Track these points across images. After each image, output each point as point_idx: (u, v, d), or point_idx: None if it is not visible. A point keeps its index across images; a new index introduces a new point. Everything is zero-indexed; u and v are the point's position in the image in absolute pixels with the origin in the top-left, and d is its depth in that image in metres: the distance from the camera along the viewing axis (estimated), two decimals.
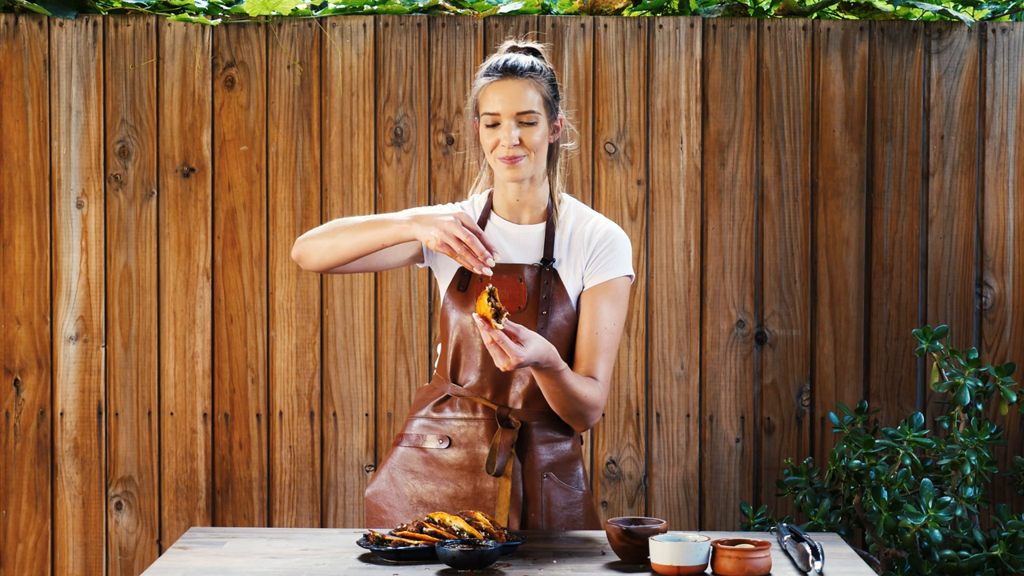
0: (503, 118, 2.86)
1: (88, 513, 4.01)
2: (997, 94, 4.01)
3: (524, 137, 2.86)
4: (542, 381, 2.81)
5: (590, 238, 2.93)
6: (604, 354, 2.89)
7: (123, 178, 3.99)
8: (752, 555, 2.45)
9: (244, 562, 2.59)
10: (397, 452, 2.98)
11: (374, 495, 2.98)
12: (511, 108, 2.86)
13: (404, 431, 2.99)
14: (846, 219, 4.01)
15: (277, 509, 4.02)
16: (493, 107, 2.86)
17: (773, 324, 4.01)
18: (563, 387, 2.80)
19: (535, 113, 2.86)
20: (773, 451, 4.02)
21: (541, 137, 2.88)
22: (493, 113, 2.86)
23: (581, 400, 2.83)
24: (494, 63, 2.90)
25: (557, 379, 2.78)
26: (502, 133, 2.86)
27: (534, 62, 2.90)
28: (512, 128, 2.85)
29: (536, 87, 2.87)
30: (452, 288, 2.94)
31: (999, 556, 3.53)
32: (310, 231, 2.91)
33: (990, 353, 4.03)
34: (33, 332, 3.99)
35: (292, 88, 3.98)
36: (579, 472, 2.96)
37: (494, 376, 2.91)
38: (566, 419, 2.89)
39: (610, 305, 2.90)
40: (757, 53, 4.00)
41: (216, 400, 4.00)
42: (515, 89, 2.86)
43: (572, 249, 2.93)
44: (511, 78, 2.87)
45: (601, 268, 2.91)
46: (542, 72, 2.90)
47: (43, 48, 3.96)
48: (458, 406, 2.94)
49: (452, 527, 2.61)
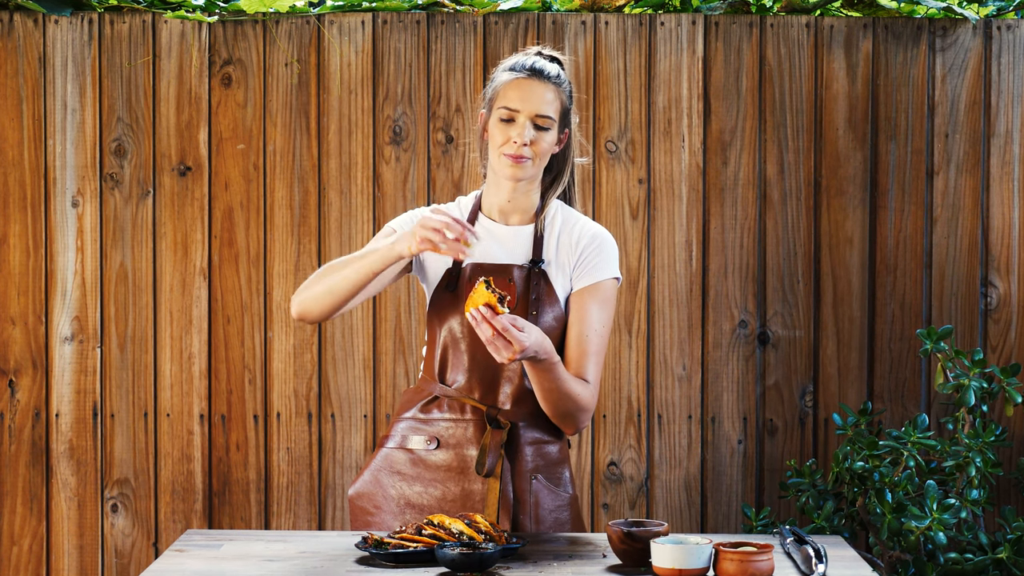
0: (521, 115, 2.89)
1: (84, 515, 3.99)
2: (1002, 92, 4.00)
3: (536, 140, 2.89)
4: (537, 376, 2.81)
5: (577, 240, 2.95)
6: (594, 357, 2.90)
7: (119, 177, 3.97)
8: (755, 558, 2.45)
9: (241, 565, 2.59)
10: (381, 453, 2.98)
11: (358, 496, 2.97)
12: (531, 108, 2.89)
13: (389, 432, 2.99)
14: (849, 218, 4.00)
15: (275, 511, 4.00)
16: (513, 103, 2.89)
17: (776, 324, 4.01)
18: (557, 382, 2.81)
19: (551, 119, 2.91)
20: (776, 453, 4.02)
21: (549, 145, 2.92)
22: (512, 109, 2.89)
23: (573, 398, 2.84)
24: (522, 61, 2.94)
25: (552, 373, 2.79)
26: (516, 130, 2.89)
27: (560, 71, 2.95)
28: (528, 127, 2.88)
29: (557, 95, 2.92)
30: (440, 288, 2.94)
31: (1004, 559, 3.54)
32: (301, 287, 2.93)
33: (995, 354, 4.02)
34: (28, 332, 3.97)
35: (290, 86, 3.97)
36: (566, 475, 2.97)
37: (483, 377, 2.92)
38: (556, 420, 2.89)
39: (599, 307, 2.92)
40: (759, 50, 3.99)
41: (213, 401, 3.99)
42: (539, 91, 2.90)
43: (560, 251, 2.95)
44: (537, 79, 2.91)
45: (589, 270, 2.93)
46: (564, 83, 2.96)
47: (38, 45, 3.95)
48: (446, 407, 2.94)
49: (451, 529, 2.61)
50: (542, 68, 2.92)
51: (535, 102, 2.89)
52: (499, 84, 2.93)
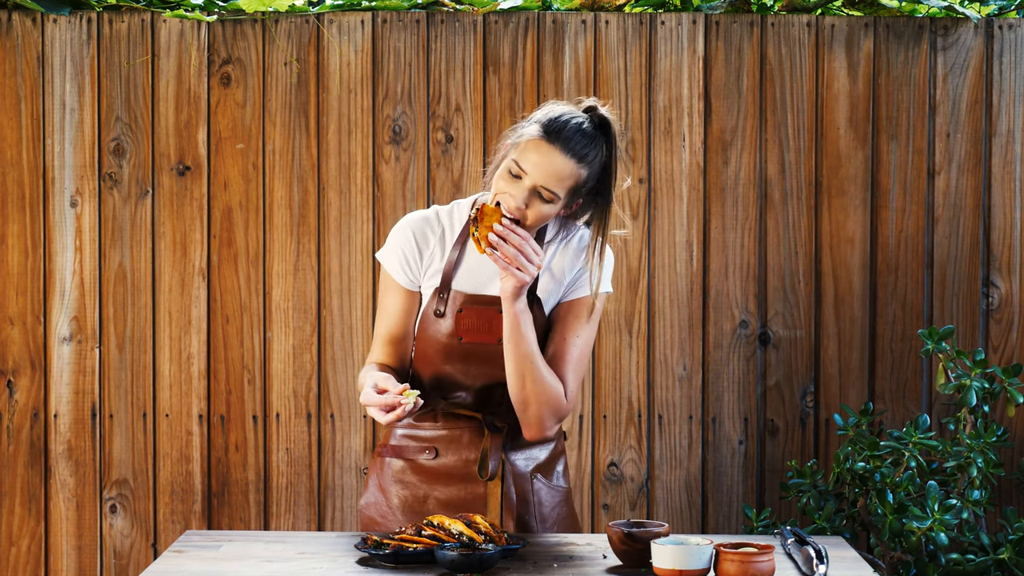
0: (525, 180, 2.75)
1: (82, 516, 3.98)
2: (1004, 91, 3.99)
3: (531, 207, 2.76)
4: (515, 334, 2.75)
5: (575, 252, 2.90)
6: (572, 364, 2.85)
7: (118, 176, 3.96)
8: (755, 559, 2.44)
9: (240, 566, 2.58)
10: (382, 463, 2.98)
11: (367, 506, 2.98)
12: (538, 179, 2.74)
13: (387, 441, 2.98)
14: (850, 218, 3.99)
15: (274, 512, 3.99)
16: (524, 163, 2.75)
17: (776, 324, 4.00)
18: (534, 353, 2.76)
19: (556, 196, 2.76)
20: (777, 453, 4.01)
21: (545, 216, 2.79)
22: (521, 168, 2.75)
23: (545, 387, 2.79)
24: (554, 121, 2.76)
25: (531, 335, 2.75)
26: (518, 192, 2.75)
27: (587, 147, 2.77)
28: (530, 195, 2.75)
29: (576, 174, 2.76)
30: (429, 310, 2.90)
31: (1006, 560, 3.53)
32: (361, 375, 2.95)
33: (997, 354, 4.02)
34: (26, 332, 3.96)
35: (289, 85, 3.96)
36: (560, 469, 2.97)
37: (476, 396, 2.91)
38: (523, 414, 2.82)
39: (586, 321, 2.88)
40: (760, 50, 3.98)
41: (212, 402, 3.98)
42: (557, 164, 2.74)
43: (557, 265, 2.91)
44: (560, 151, 2.74)
45: (584, 283, 2.89)
46: (594, 158, 2.78)
47: (36, 45, 3.94)
48: (440, 417, 2.93)
49: (451, 530, 2.60)
50: (569, 139, 2.74)
51: (545, 175, 2.73)
52: (523, 138, 2.77)
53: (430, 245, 2.91)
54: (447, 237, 2.92)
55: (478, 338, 2.85)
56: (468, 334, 2.86)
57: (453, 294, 2.87)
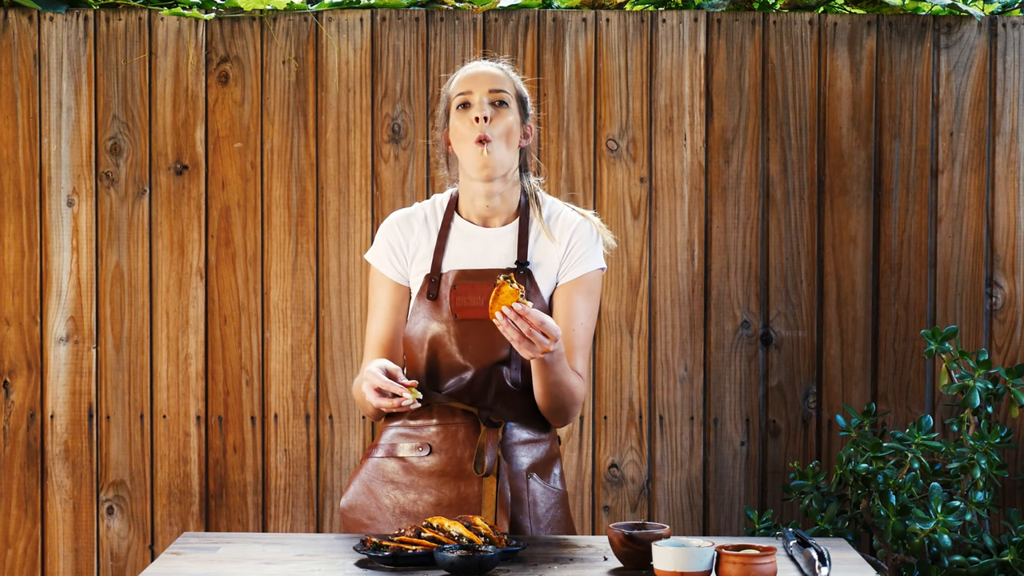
0: (475, 95, 2.92)
1: (79, 518, 3.97)
2: (1008, 90, 3.98)
3: (495, 118, 2.91)
4: (544, 371, 2.81)
5: (562, 233, 2.96)
6: (582, 350, 2.93)
7: (115, 176, 3.95)
8: (757, 561, 2.44)
9: (238, 568, 2.57)
10: (371, 463, 2.97)
11: (351, 508, 2.96)
12: (483, 86, 2.92)
13: (377, 441, 2.98)
14: (853, 217, 3.98)
15: (272, 514, 3.99)
16: (465, 87, 2.94)
17: (779, 325, 3.99)
18: (563, 375, 2.83)
19: (506, 94, 2.94)
20: (779, 454, 4.00)
21: (511, 126, 2.93)
22: (465, 92, 2.93)
23: (571, 391, 2.87)
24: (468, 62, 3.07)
25: (559, 365, 2.81)
26: (474, 111, 2.91)
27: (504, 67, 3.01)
28: (484, 104, 2.91)
29: (508, 77, 2.97)
30: (422, 295, 2.94)
31: (1010, 562, 3.53)
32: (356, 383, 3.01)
33: (1000, 354, 4.01)
34: (23, 333, 3.95)
35: (287, 84, 3.95)
36: (556, 471, 2.99)
37: (472, 381, 2.91)
38: (550, 414, 2.91)
39: (585, 300, 2.93)
40: (762, 48, 3.97)
41: (210, 402, 3.98)
42: (488, 72, 2.95)
43: (545, 246, 2.96)
44: (483, 65, 2.98)
45: (575, 263, 2.94)
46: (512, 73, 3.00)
47: (33, 43, 3.93)
48: (436, 412, 2.93)
49: (451, 532, 2.60)
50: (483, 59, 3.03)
51: (486, 80, 2.93)
52: (450, 88, 2.99)
53: (415, 232, 3.00)
54: (431, 224, 3.00)
55: (474, 314, 2.87)
56: (464, 311, 2.89)
57: (445, 274, 2.92)
